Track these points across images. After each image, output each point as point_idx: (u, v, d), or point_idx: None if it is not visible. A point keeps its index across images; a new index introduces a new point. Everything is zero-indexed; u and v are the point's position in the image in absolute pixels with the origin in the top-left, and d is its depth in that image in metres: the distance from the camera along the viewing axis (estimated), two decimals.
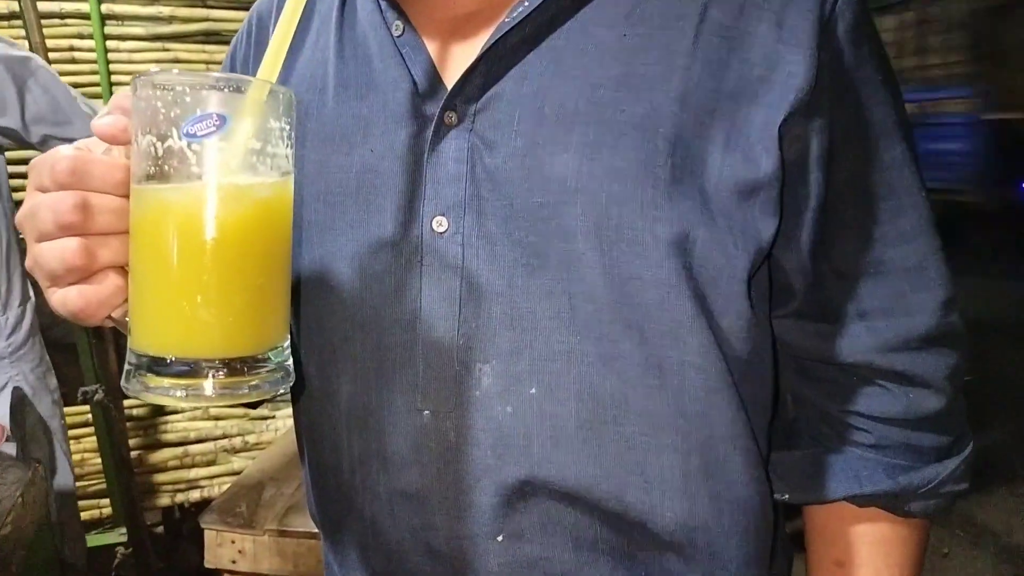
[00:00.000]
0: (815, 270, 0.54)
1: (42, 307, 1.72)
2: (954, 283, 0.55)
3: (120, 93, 0.42)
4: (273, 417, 2.29)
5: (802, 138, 0.50)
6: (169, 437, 2.24)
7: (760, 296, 0.54)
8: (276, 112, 0.41)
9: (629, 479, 0.51)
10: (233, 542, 1.34)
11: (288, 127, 0.42)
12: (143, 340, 0.41)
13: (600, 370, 0.50)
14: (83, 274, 0.41)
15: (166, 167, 0.39)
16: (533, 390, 0.50)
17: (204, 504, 2.11)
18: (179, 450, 2.23)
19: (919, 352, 0.55)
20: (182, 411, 2.24)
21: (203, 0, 2.16)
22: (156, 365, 0.40)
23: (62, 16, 2.05)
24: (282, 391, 0.43)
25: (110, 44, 2.09)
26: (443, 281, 0.52)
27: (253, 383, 0.41)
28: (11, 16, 1.98)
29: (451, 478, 0.52)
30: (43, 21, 1.96)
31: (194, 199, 0.39)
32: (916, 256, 0.54)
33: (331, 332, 0.56)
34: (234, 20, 2.14)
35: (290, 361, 0.44)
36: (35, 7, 1.90)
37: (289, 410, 2.23)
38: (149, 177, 0.39)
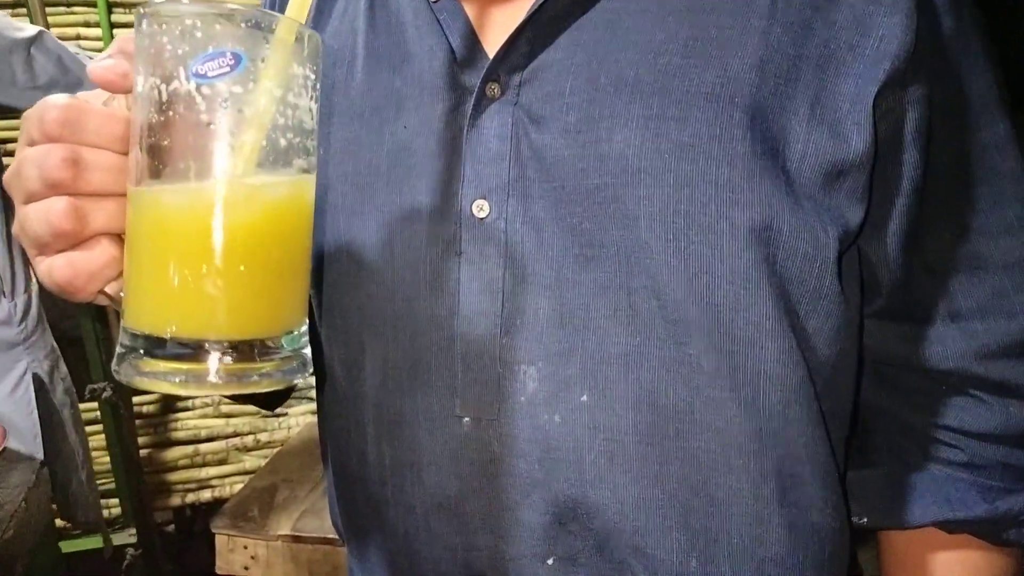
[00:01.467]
0: (904, 264, 0.48)
1: (47, 298, 1.67)
2: None
3: (123, 36, 0.36)
4: (286, 414, 2.24)
5: (896, 112, 0.44)
6: (179, 435, 2.20)
7: (851, 290, 0.48)
8: (300, 56, 0.35)
9: (693, 501, 0.45)
10: (245, 547, 1.30)
11: (313, 76, 0.36)
12: (138, 316, 0.34)
13: (662, 376, 0.44)
14: (72, 240, 0.36)
15: (171, 114, 0.32)
16: (584, 397, 0.45)
17: (215, 504, 2.07)
18: (189, 448, 2.19)
19: (1021, 359, 0.48)
20: (184, 399, 2.15)
21: None
22: (152, 346, 0.34)
23: (68, 3, 2.00)
24: (298, 382, 0.37)
25: (117, 32, 2.03)
26: (484, 272, 0.46)
27: (264, 370, 0.34)
28: (16, 4, 1.93)
29: (495, 493, 0.47)
30: (48, 8, 1.90)
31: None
32: (1020, 250, 0.48)
33: (358, 328, 0.51)
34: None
35: (307, 349, 0.38)
36: None
37: (303, 407, 2.20)
38: (151, 128, 0.33)
